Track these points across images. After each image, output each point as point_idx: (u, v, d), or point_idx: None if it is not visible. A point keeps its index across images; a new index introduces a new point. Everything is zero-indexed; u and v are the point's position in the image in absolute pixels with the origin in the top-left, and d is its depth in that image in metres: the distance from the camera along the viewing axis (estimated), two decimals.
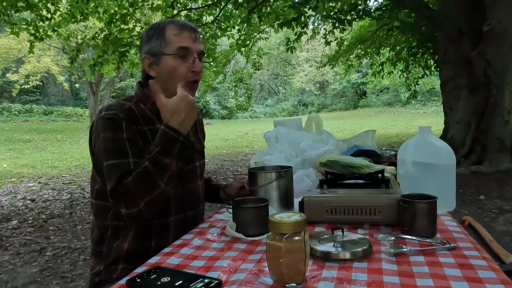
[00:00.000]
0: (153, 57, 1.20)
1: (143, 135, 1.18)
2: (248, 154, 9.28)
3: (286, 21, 6.48)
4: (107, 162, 1.11)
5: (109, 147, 1.12)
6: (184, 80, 1.20)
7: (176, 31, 1.19)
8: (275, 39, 26.88)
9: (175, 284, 0.75)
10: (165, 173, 1.08)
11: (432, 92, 21.87)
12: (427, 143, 1.21)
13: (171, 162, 1.09)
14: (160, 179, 1.08)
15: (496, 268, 0.78)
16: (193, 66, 1.21)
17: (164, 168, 1.08)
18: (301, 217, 0.73)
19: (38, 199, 5.33)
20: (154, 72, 1.22)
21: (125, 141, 1.12)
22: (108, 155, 1.12)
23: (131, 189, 1.06)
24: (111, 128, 1.12)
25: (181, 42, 1.19)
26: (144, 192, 1.06)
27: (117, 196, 1.08)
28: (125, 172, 1.09)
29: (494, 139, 5.57)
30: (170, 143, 1.09)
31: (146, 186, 1.07)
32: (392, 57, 9.33)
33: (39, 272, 2.93)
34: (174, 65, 1.19)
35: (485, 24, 5.32)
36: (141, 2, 6.97)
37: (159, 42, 1.19)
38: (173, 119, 1.11)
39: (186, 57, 1.20)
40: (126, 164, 1.10)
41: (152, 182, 1.07)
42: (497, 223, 3.43)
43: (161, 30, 1.20)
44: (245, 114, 29.36)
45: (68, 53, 17.97)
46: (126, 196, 1.07)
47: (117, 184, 1.08)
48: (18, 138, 14.28)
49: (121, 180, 1.08)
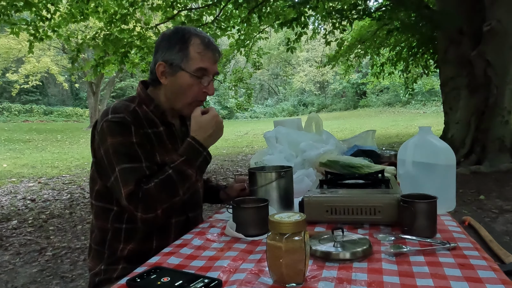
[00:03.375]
0: (170, 67, 1.18)
1: (148, 138, 1.17)
2: (248, 154, 9.28)
3: (286, 21, 6.48)
4: (120, 166, 1.09)
5: (120, 151, 1.11)
6: (194, 100, 1.21)
7: (201, 49, 1.17)
8: (275, 39, 26.87)
9: (175, 284, 0.75)
10: (186, 183, 1.11)
11: (432, 92, 21.86)
12: (427, 143, 1.21)
13: (192, 173, 1.12)
14: (181, 187, 1.11)
15: (496, 268, 0.78)
16: (207, 88, 1.21)
17: (186, 178, 1.11)
18: (301, 217, 0.73)
19: (38, 199, 5.32)
20: (166, 80, 1.20)
21: (135, 145, 1.12)
22: (120, 159, 1.10)
23: (153, 194, 1.07)
24: (121, 133, 1.11)
25: (202, 63, 1.17)
26: (165, 199, 1.09)
27: (136, 201, 1.07)
28: (142, 176, 1.09)
29: (494, 139, 5.57)
30: (194, 155, 1.13)
31: (168, 194, 1.09)
32: (392, 57, 9.33)
33: (39, 272, 2.93)
34: (189, 83, 1.18)
35: (485, 24, 5.32)
36: (141, 2, 6.97)
37: (181, 55, 1.17)
38: (201, 133, 1.15)
39: (203, 77, 1.19)
40: (141, 169, 1.10)
41: (174, 190, 1.10)
42: (497, 223, 3.43)
43: (185, 42, 1.17)
44: (245, 114, 29.36)
45: (68, 53, 18.03)
46: (146, 201, 1.07)
47: (136, 188, 1.07)
48: (18, 138, 14.28)
49: (140, 184, 1.08)
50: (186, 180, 1.11)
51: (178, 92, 1.19)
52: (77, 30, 13.72)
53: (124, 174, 1.09)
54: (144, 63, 7.32)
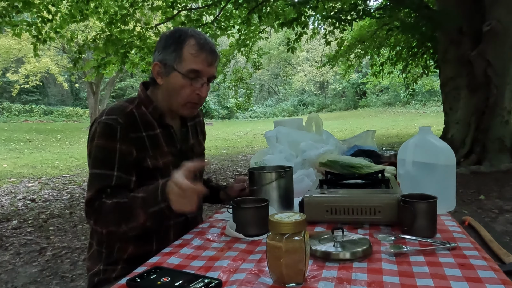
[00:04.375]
0: (164, 67, 1.18)
1: (140, 142, 1.16)
2: (248, 154, 9.28)
3: (286, 21, 6.48)
4: (91, 170, 1.12)
5: (98, 156, 1.12)
6: (187, 101, 1.20)
7: (195, 50, 1.15)
8: (275, 39, 26.86)
9: (175, 284, 0.75)
10: (132, 221, 1.04)
11: (432, 92, 21.85)
12: (427, 143, 1.21)
13: (142, 216, 1.03)
14: (125, 222, 1.05)
15: (496, 268, 0.78)
16: (200, 90, 1.19)
17: (135, 216, 1.04)
18: (301, 217, 0.73)
19: (38, 199, 5.32)
20: (162, 80, 1.20)
21: (116, 151, 1.11)
22: (94, 163, 1.12)
23: (105, 212, 1.06)
24: (107, 136, 1.12)
25: (195, 65, 1.16)
26: (112, 222, 1.06)
27: (91, 209, 1.08)
28: (106, 186, 1.09)
29: (494, 139, 5.57)
30: (153, 200, 1.02)
31: (115, 219, 1.06)
32: (392, 57, 9.33)
33: (39, 272, 2.93)
34: (181, 84, 1.17)
35: (485, 24, 5.32)
36: (141, 2, 6.97)
37: (174, 55, 1.16)
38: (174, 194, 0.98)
39: (195, 79, 1.17)
40: (109, 178, 1.10)
41: (120, 219, 1.05)
42: (497, 223, 3.43)
43: (180, 43, 1.16)
44: (245, 114, 29.35)
45: (68, 53, 18.03)
46: (99, 214, 1.07)
47: (96, 197, 1.08)
48: (18, 138, 14.28)
49: (101, 194, 1.08)
50: (133, 219, 1.04)
51: (172, 92, 1.19)
52: (77, 30, 13.72)
53: (92, 178, 1.11)
54: (144, 63, 7.32)
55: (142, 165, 1.15)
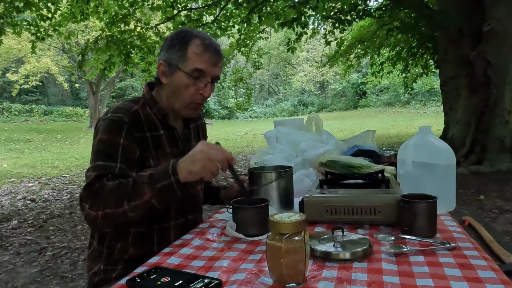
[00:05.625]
0: (169, 66, 1.18)
1: (144, 142, 1.17)
2: (248, 154, 9.28)
3: (286, 21, 6.48)
4: (94, 163, 1.09)
5: (101, 150, 1.11)
6: (190, 101, 1.20)
7: (199, 50, 1.16)
8: (275, 39, 26.86)
9: (175, 284, 0.75)
10: (136, 197, 1.01)
11: (432, 92, 21.86)
12: (427, 143, 1.21)
13: (147, 193, 1.01)
14: (128, 201, 1.01)
15: (496, 268, 0.78)
16: (203, 90, 1.20)
17: (138, 193, 1.01)
18: (301, 217, 0.73)
19: (38, 199, 5.32)
20: (166, 80, 1.21)
21: (120, 146, 1.11)
22: (98, 156, 1.10)
23: (104, 191, 1.02)
24: (112, 131, 1.12)
25: (199, 64, 1.16)
26: (111, 202, 1.01)
27: (89, 192, 1.04)
28: (109, 173, 1.07)
29: (494, 139, 5.57)
30: (161, 176, 1.02)
31: (115, 198, 1.01)
32: (392, 57, 9.33)
33: (39, 272, 2.93)
34: (185, 83, 1.17)
35: (485, 24, 5.32)
36: (141, 2, 6.98)
37: (179, 55, 1.16)
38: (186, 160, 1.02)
39: (199, 78, 1.18)
40: (111, 167, 1.08)
41: (122, 198, 1.01)
42: (497, 223, 3.43)
43: (185, 43, 1.17)
44: (245, 114, 29.36)
45: (68, 53, 18.03)
46: (97, 196, 1.03)
47: (96, 181, 1.05)
48: (18, 138, 14.27)
49: (102, 178, 1.06)
50: (137, 196, 1.01)
51: (176, 92, 1.20)
52: (77, 30, 13.72)
53: (93, 168, 1.09)
54: (144, 63, 7.33)
55: (144, 165, 1.16)
